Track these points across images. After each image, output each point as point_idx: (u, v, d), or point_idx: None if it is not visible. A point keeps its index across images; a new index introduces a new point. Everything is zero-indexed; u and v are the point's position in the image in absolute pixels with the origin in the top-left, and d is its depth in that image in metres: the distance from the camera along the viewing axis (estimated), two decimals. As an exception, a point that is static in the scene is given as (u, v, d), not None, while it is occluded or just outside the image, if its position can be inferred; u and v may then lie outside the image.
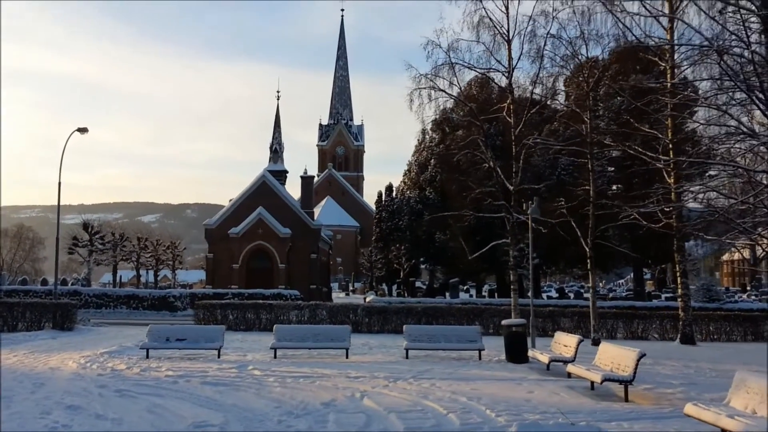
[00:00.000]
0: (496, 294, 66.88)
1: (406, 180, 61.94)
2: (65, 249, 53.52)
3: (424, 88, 22.96)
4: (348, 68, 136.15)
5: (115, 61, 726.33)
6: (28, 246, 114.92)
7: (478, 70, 23.56)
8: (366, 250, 77.95)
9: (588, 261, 24.03)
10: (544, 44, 22.70)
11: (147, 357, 18.53)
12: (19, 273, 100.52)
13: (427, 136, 59.13)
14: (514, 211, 22.63)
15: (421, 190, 55.77)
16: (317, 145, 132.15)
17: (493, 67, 23.46)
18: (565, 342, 16.22)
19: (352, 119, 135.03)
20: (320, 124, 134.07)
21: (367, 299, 46.52)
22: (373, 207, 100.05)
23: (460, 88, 23.81)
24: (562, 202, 25.83)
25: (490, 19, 23.23)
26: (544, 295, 73.29)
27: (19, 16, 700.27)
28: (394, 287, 73.75)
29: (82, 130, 32.96)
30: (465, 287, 78.10)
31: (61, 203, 31.93)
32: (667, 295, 70.30)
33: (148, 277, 78.44)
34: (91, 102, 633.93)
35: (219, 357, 18.57)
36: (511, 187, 22.94)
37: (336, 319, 28.87)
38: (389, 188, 71.93)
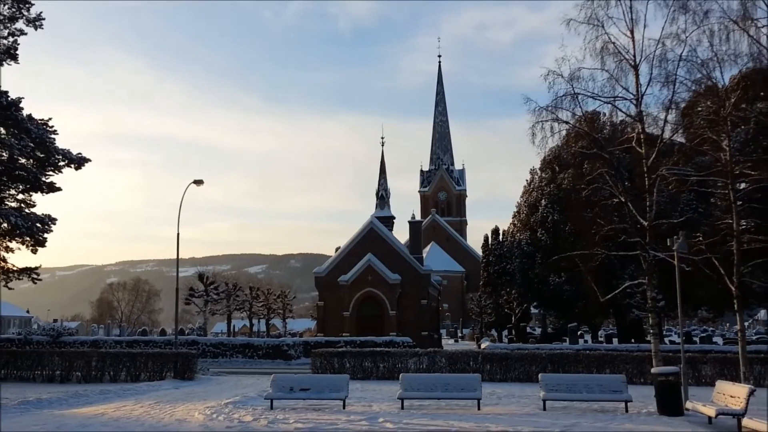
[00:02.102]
0: (615, 339, 63.75)
1: (515, 222, 60.24)
2: (182, 299, 54.72)
3: (547, 121, 21.88)
4: (447, 113, 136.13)
5: (229, 123, 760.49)
6: (145, 298, 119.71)
7: (603, 99, 22.23)
8: (474, 295, 76.21)
9: (735, 301, 21.88)
10: (677, 67, 21.22)
11: (272, 408, 17.97)
12: (137, 324, 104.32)
13: (536, 177, 57.63)
14: (650, 248, 20.95)
15: (532, 232, 53.95)
16: (419, 191, 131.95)
17: (620, 95, 22.17)
18: (731, 392, 14.43)
19: (453, 164, 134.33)
20: (421, 171, 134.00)
21: (482, 345, 44.95)
22: (478, 251, 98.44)
23: (585, 119, 22.54)
24: (700, 238, 23.88)
25: (614, 44, 22.02)
26: (666, 340, 69.23)
27: (142, 84, 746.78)
28: (504, 333, 71.52)
29: (198, 182, 33.68)
30: (579, 332, 74.86)
31: (174, 257, 32.51)
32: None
33: (260, 326, 79.47)
34: (202, 162, 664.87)
35: (344, 408, 17.78)
36: (646, 223, 21.30)
37: (456, 366, 27.76)
38: (495, 231, 70.21)
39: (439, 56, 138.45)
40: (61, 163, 32.18)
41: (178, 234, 32.45)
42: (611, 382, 17.48)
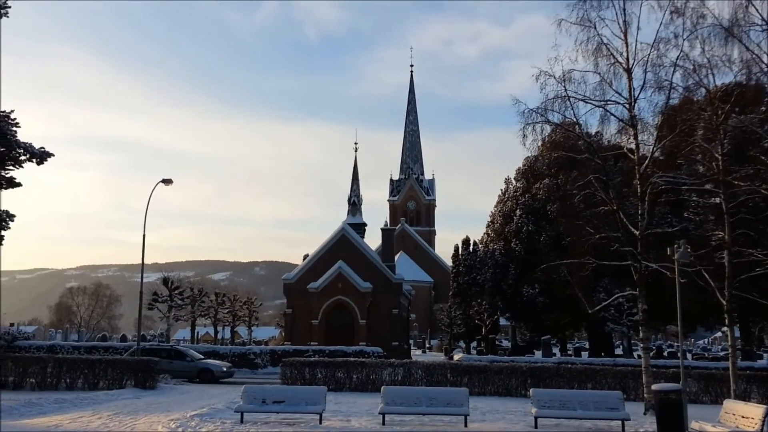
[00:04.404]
0: (584, 353, 63.22)
1: (489, 231, 59.52)
2: (145, 305, 52.87)
3: (537, 123, 21.00)
4: (418, 123, 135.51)
5: (193, 127, 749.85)
6: (105, 303, 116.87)
7: (594, 102, 21.43)
8: (444, 306, 75.26)
9: (725, 316, 21.13)
10: (673, 73, 20.47)
11: (242, 421, 16.68)
12: (96, 330, 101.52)
13: (510, 186, 57.00)
14: (642, 258, 20.11)
15: (506, 242, 53.23)
16: (388, 200, 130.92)
17: (612, 98, 21.38)
18: (743, 412, 13.46)
19: (423, 174, 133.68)
20: (391, 180, 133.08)
21: (456, 357, 43.92)
22: (447, 262, 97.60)
23: (578, 122, 21.66)
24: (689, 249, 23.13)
25: (607, 46, 21.24)
26: (635, 354, 68.93)
27: (101, 84, 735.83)
28: (473, 345, 70.66)
29: (167, 182, 32.26)
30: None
31: (136, 262, 31.04)
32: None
33: (224, 334, 77.52)
34: (164, 166, 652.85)
35: (321, 422, 16.53)
36: (637, 232, 20.47)
37: (432, 378, 26.67)
38: (466, 242, 69.39)
39: (411, 66, 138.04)
40: (23, 158, 30.33)
41: (144, 235, 30.98)
42: (607, 399, 16.48)
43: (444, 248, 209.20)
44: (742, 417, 13.39)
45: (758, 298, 20.93)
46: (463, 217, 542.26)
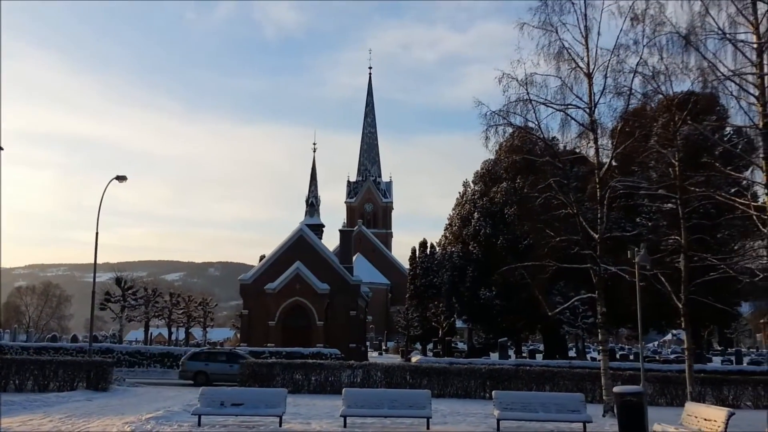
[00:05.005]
0: (539, 355, 63.93)
1: (447, 234, 59.62)
2: (97, 305, 51.75)
3: (500, 125, 21.10)
4: (376, 125, 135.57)
5: (146, 126, 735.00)
6: (55, 303, 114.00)
7: (555, 106, 21.63)
8: (401, 308, 75.39)
9: (682, 319, 21.46)
10: (633, 79, 20.78)
11: (199, 424, 16.35)
12: (45, 330, 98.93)
13: (468, 189, 57.26)
14: (601, 261, 20.34)
15: (464, 245, 53.41)
16: (345, 202, 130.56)
17: (573, 103, 21.61)
18: (706, 415, 13.54)
19: (380, 176, 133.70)
20: (348, 181, 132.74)
21: (413, 359, 43.96)
22: (403, 264, 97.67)
23: (539, 125, 21.81)
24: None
25: (568, 51, 21.45)
26: (588, 357, 69.93)
27: (54, 82, 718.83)
28: (429, 347, 70.90)
29: (121, 179, 31.51)
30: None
31: (87, 261, 30.29)
32: (718, 357, 66.79)
33: (178, 335, 76.25)
34: (116, 164, 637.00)
35: (281, 425, 16.29)
36: (597, 236, 20.70)
37: (392, 380, 26.60)
38: (423, 244, 69.68)
39: (370, 68, 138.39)
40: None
41: (96, 233, 30.16)
42: (568, 401, 16.57)
43: (401, 251, 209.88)
44: (705, 420, 13.47)
45: (713, 301, 21.30)
46: (419, 220, 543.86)
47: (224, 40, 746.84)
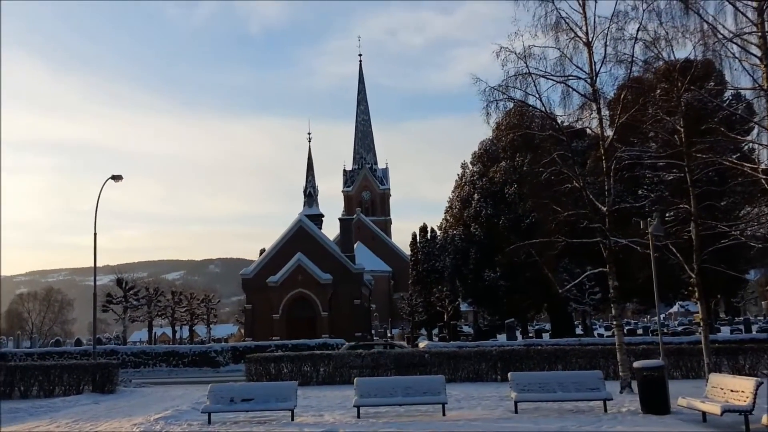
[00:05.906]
0: (545, 334, 63.55)
1: (447, 217, 59.14)
2: (99, 307, 51.39)
3: (501, 100, 20.57)
4: (369, 112, 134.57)
5: (136, 126, 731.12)
6: (57, 308, 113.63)
7: (555, 78, 21.07)
8: (405, 295, 75.03)
9: (696, 289, 21.08)
10: (634, 45, 20.23)
11: (210, 422, 15.90)
12: (49, 335, 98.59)
13: (467, 171, 56.72)
14: (611, 234, 19.87)
15: (465, 227, 52.95)
16: (342, 191, 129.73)
17: (573, 73, 21.06)
18: (732, 386, 13.14)
19: (376, 163, 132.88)
20: (344, 170, 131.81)
21: (421, 345, 43.52)
22: (404, 250, 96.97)
23: (539, 99, 21.25)
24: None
25: (566, 21, 20.90)
26: (595, 333, 69.64)
27: (40, 85, 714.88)
28: (434, 331, 70.57)
29: (117, 178, 30.93)
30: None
31: (87, 265, 29.85)
32: (726, 327, 66.58)
33: (182, 333, 75.87)
34: (108, 166, 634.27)
35: (293, 419, 15.85)
36: (604, 208, 20.22)
37: (402, 367, 26.08)
38: (423, 229, 69.20)
39: (360, 55, 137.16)
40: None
41: (95, 235, 29.68)
42: (587, 380, 16.07)
43: (400, 237, 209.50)
44: (731, 391, 13.02)
45: (726, 269, 20.87)
46: (415, 206, 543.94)
47: (209, 36, 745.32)
